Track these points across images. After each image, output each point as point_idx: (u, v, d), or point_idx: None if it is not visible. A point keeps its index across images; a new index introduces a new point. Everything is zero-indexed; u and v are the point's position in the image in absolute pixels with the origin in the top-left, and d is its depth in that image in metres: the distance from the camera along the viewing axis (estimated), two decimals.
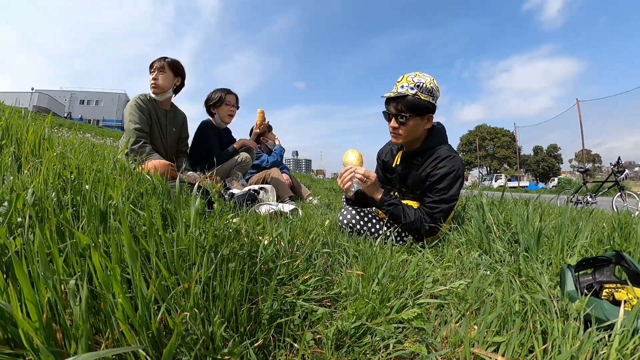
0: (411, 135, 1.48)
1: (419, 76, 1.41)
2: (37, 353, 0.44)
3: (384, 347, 0.66)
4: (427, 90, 1.40)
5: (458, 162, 1.43)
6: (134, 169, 1.26)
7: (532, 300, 0.72)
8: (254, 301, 0.70)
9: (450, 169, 1.40)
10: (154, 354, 0.52)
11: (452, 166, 1.40)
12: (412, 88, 1.39)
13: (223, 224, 0.87)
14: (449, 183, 1.40)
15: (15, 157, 1.21)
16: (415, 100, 1.39)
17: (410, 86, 1.39)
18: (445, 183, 1.40)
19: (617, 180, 5.97)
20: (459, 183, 1.42)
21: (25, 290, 0.45)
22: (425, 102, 1.40)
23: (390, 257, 0.88)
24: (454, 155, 1.44)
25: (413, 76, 1.41)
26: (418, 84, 1.38)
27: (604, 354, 0.58)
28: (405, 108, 1.41)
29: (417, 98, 1.38)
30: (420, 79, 1.39)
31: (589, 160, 44.80)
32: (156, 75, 2.22)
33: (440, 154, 1.44)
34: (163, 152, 2.31)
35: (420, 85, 1.38)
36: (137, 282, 0.53)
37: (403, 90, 1.40)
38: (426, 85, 1.39)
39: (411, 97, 1.38)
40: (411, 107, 1.40)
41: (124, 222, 0.55)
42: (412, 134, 1.47)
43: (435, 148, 1.49)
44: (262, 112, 3.06)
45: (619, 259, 0.84)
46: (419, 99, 1.39)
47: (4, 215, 0.66)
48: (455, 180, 1.41)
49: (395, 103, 1.42)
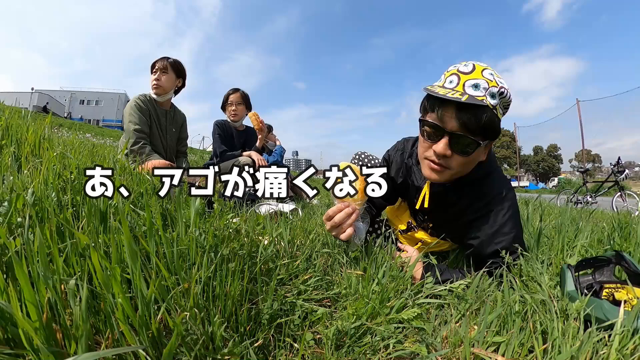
0: (463, 172, 0.97)
1: (498, 76, 0.89)
2: (37, 353, 0.44)
3: (384, 347, 0.66)
4: (506, 104, 0.92)
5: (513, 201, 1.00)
6: (134, 169, 1.26)
7: (532, 300, 0.72)
8: (254, 301, 0.70)
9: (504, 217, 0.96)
10: (154, 354, 0.52)
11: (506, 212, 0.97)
12: (492, 95, 0.85)
13: (223, 224, 0.87)
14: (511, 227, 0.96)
15: (15, 157, 1.21)
16: (495, 119, 0.87)
17: (492, 91, 0.85)
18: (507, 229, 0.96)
19: (617, 180, 5.98)
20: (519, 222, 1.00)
21: (25, 290, 0.45)
22: (499, 123, 0.91)
23: (390, 257, 0.88)
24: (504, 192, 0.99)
25: (492, 73, 0.88)
26: (502, 92, 0.87)
27: (604, 354, 0.58)
28: (479, 128, 0.85)
29: (495, 114, 0.87)
30: (502, 83, 0.88)
31: (589, 160, 44.79)
32: (159, 76, 2.22)
33: (488, 193, 0.99)
34: (163, 152, 2.31)
35: (504, 94, 0.87)
36: (137, 282, 0.53)
37: (479, 95, 0.84)
38: (508, 94, 0.88)
39: (491, 111, 0.85)
40: (489, 129, 0.87)
41: (124, 222, 0.55)
42: (466, 169, 0.96)
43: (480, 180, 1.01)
44: (255, 114, 2.97)
45: (619, 259, 0.84)
46: (496, 115, 0.88)
47: (4, 215, 0.66)
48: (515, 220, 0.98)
49: (463, 115, 0.84)
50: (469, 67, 0.88)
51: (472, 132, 0.85)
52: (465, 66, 0.88)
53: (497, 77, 0.87)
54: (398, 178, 1.17)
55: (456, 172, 0.94)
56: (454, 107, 0.85)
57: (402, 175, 1.16)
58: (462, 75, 0.87)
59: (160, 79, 2.21)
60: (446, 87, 0.88)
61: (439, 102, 0.87)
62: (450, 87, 0.87)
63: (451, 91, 0.84)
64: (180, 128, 2.48)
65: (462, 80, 0.86)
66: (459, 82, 0.86)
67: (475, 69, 0.87)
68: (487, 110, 0.84)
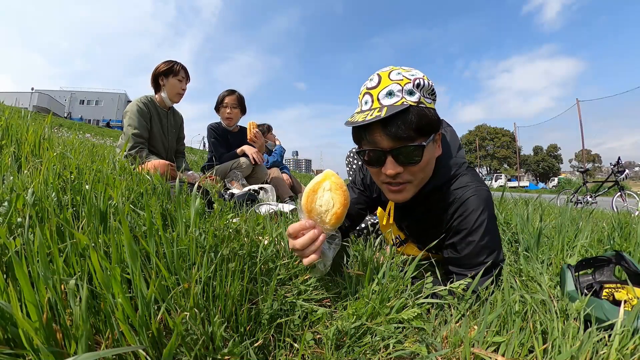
0: (425, 177, 0.90)
1: (406, 70, 0.84)
2: (37, 353, 0.44)
3: (384, 347, 0.66)
4: (430, 91, 0.85)
5: (486, 203, 0.88)
6: (133, 169, 1.26)
7: (532, 300, 0.72)
8: (254, 301, 0.70)
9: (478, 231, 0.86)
10: (154, 354, 0.52)
11: (479, 226, 0.86)
12: (410, 92, 0.80)
13: (223, 224, 0.87)
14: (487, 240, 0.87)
15: (15, 157, 1.21)
16: (426, 112, 0.82)
17: (407, 89, 0.80)
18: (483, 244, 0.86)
19: (617, 180, 5.98)
20: (495, 227, 0.90)
21: (26, 290, 0.45)
22: (433, 113, 0.85)
23: (390, 257, 0.88)
24: (472, 196, 0.89)
25: (399, 72, 0.83)
26: (418, 83, 0.81)
27: (604, 354, 0.58)
28: (414, 131, 0.80)
29: (423, 108, 0.81)
30: (414, 74, 0.83)
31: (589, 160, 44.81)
32: (185, 87, 2.35)
33: (455, 199, 0.91)
34: (164, 152, 2.36)
35: (421, 84, 0.82)
36: (137, 282, 0.53)
37: (396, 101, 0.80)
38: (425, 81, 0.83)
39: (416, 108, 0.80)
40: (425, 126, 0.82)
41: (124, 222, 0.55)
42: (426, 174, 0.89)
43: (444, 185, 0.94)
44: (254, 124, 2.86)
45: (619, 259, 0.84)
46: (426, 107, 0.82)
47: (4, 215, 0.66)
48: (491, 228, 0.88)
49: (389, 128, 0.80)
50: (375, 79, 0.84)
51: (409, 139, 0.80)
52: (371, 81, 0.85)
53: (405, 72, 0.83)
54: (373, 193, 1.14)
55: (418, 181, 0.89)
56: (379, 126, 0.81)
57: (376, 191, 1.13)
58: (372, 91, 0.83)
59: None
60: (364, 110, 0.84)
61: (363, 128, 0.84)
62: (367, 108, 0.83)
63: (369, 112, 0.81)
64: (179, 128, 2.53)
65: (375, 96, 0.82)
66: (373, 99, 0.83)
67: (382, 78, 0.83)
68: (411, 110, 0.79)
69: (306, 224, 0.77)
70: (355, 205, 1.14)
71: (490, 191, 0.92)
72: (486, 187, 0.92)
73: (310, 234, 0.75)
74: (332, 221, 0.77)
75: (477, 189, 0.90)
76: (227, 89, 2.86)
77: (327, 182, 0.79)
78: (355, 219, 1.17)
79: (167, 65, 2.23)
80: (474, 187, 0.90)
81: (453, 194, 0.91)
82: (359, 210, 1.16)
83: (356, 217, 1.17)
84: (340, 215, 0.78)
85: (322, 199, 0.77)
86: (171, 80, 2.24)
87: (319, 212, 0.77)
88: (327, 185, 0.78)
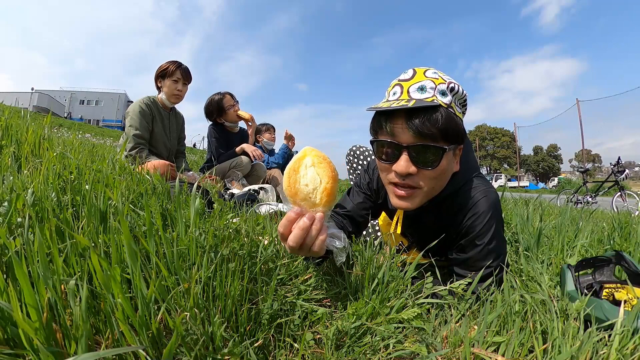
0: (436, 188, 0.85)
1: (443, 74, 0.81)
2: (37, 353, 0.44)
3: (384, 347, 0.66)
4: (462, 101, 0.82)
5: (494, 210, 0.86)
6: (133, 169, 1.26)
7: (532, 300, 0.72)
8: (254, 301, 0.70)
9: (487, 234, 0.84)
10: (154, 354, 0.52)
11: (488, 229, 0.84)
12: (442, 93, 0.76)
13: (223, 224, 0.87)
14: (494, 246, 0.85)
15: (15, 157, 1.21)
16: (454, 118, 0.77)
17: (441, 89, 0.76)
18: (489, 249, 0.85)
19: (617, 180, 5.99)
20: (503, 232, 0.89)
21: (25, 290, 0.45)
22: (460, 123, 0.80)
23: (390, 257, 0.88)
24: (483, 202, 0.86)
25: (435, 72, 0.80)
26: (452, 87, 0.77)
27: (604, 354, 0.58)
28: (439, 131, 0.74)
29: (452, 113, 0.77)
30: (450, 78, 0.79)
31: (589, 160, 44.81)
32: (182, 87, 2.28)
33: (465, 206, 0.87)
34: (166, 152, 2.36)
35: (455, 89, 0.78)
36: (137, 282, 0.53)
37: (427, 97, 0.75)
38: (460, 89, 0.79)
39: (446, 110, 0.75)
40: (450, 130, 0.76)
41: (124, 222, 0.55)
42: (438, 185, 0.84)
43: (456, 192, 0.89)
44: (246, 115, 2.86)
45: (619, 259, 0.84)
46: (455, 114, 0.77)
47: (4, 215, 0.66)
48: (499, 233, 0.87)
49: (415, 122, 0.74)
50: (409, 73, 0.80)
51: (432, 138, 0.74)
52: (405, 73, 0.81)
53: (442, 74, 0.79)
54: (379, 196, 1.07)
55: (428, 191, 0.81)
56: (403, 117, 0.75)
57: (382, 197, 1.06)
58: (404, 83, 0.79)
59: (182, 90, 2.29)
60: (390, 99, 0.80)
61: (386, 116, 0.78)
62: (395, 98, 0.79)
63: (396, 101, 0.76)
64: (180, 128, 2.54)
65: (406, 88, 0.78)
66: (403, 91, 0.78)
67: (417, 73, 0.79)
68: (440, 109, 0.74)
69: (292, 214, 0.66)
70: (361, 211, 1.06)
71: (498, 194, 0.90)
72: (494, 190, 0.90)
73: (300, 224, 0.64)
74: (323, 199, 0.66)
75: (487, 191, 0.88)
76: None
77: (308, 158, 0.68)
78: (360, 225, 1.09)
79: (164, 66, 2.24)
80: (484, 190, 0.88)
81: (464, 198, 0.88)
82: (365, 215, 1.07)
83: (362, 223, 1.08)
84: (331, 191, 0.66)
85: (307, 177, 0.66)
86: (166, 81, 2.24)
87: (306, 193, 0.66)
88: (308, 162, 0.68)
